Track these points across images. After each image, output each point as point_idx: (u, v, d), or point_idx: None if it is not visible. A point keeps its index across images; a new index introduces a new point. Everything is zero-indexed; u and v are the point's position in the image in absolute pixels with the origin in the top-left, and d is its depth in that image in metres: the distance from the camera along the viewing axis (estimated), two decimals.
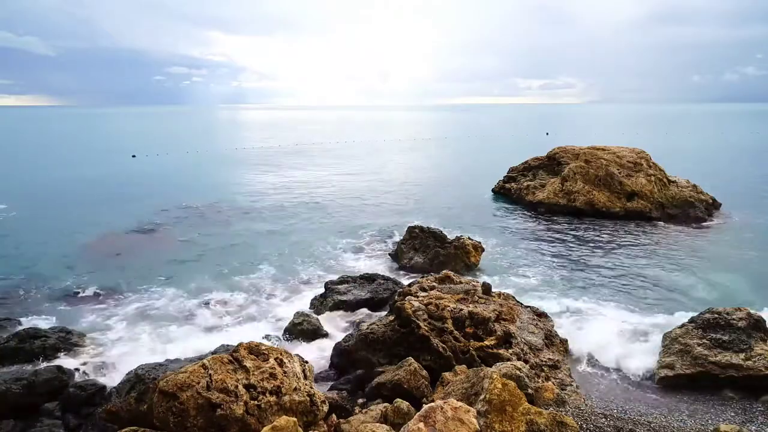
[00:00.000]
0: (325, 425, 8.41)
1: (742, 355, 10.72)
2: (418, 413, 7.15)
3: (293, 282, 18.26)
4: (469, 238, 20.00)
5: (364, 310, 15.19)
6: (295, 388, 8.30)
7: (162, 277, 18.70)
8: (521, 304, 14.11)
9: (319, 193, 35.65)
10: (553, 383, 10.17)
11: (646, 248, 21.39)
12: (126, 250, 22.13)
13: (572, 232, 24.10)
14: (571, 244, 22.13)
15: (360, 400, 10.08)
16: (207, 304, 16.21)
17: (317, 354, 13.15)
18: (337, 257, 21.02)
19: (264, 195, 35.13)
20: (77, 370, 11.80)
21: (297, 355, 9.76)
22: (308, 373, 9.02)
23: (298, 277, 18.68)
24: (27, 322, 14.42)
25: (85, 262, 20.49)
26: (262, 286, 17.78)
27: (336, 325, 14.66)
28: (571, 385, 10.69)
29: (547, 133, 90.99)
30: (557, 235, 23.63)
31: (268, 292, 17.28)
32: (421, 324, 11.40)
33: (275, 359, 8.62)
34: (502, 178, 33.54)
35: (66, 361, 12.22)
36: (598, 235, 23.49)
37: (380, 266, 19.84)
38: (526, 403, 7.53)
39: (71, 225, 26.45)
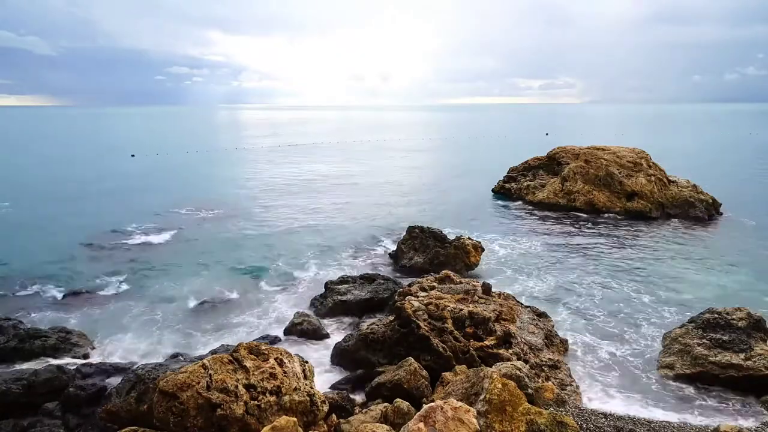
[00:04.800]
0: (325, 425, 8.41)
1: (742, 355, 10.72)
2: (418, 413, 7.16)
3: (293, 282, 18.26)
4: (469, 238, 19.99)
5: (364, 310, 15.19)
6: (295, 388, 8.30)
7: (161, 276, 18.69)
8: (521, 304, 14.12)
9: (320, 194, 35.67)
10: (553, 383, 10.17)
11: (646, 248, 21.39)
12: (125, 250, 22.12)
13: (572, 233, 24.11)
14: (571, 244, 22.13)
15: (360, 400, 10.09)
16: (207, 303, 16.20)
17: (317, 354, 13.16)
18: (337, 257, 21.02)
19: (264, 195, 35.14)
20: (77, 370, 11.79)
21: (297, 355, 9.77)
22: (308, 373, 9.02)
23: (298, 277, 18.68)
24: (27, 322, 14.42)
25: (85, 262, 20.50)
26: (262, 286, 17.78)
27: (336, 325, 14.67)
28: (571, 385, 10.70)
29: (547, 134, 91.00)
30: (557, 235, 23.63)
31: (268, 292, 17.28)
32: (421, 324, 11.40)
33: (275, 359, 8.63)
34: (502, 178, 33.56)
35: (66, 361, 12.22)
36: (598, 235, 23.49)
37: (380, 266, 19.84)
38: (526, 403, 7.54)
39: (71, 225, 26.45)
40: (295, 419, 7.20)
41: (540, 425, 7.21)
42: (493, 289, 13.96)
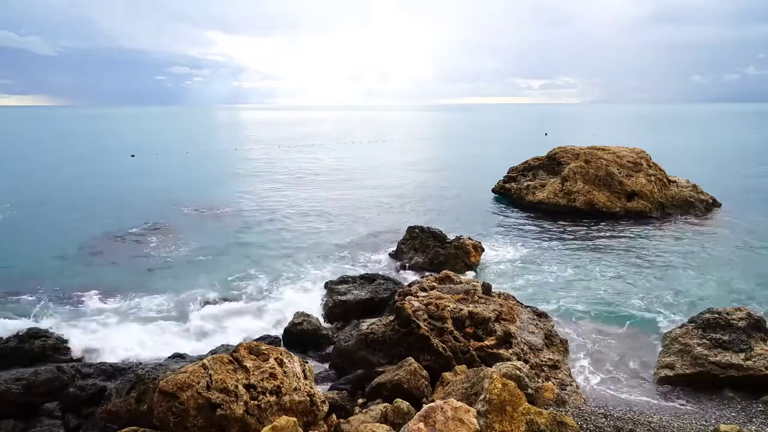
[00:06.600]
0: (325, 425, 8.41)
1: (742, 355, 10.72)
2: (418, 413, 7.16)
3: (293, 282, 18.25)
4: (469, 238, 20.00)
5: (364, 310, 15.18)
6: (295, 388, 8.30)
7: (162, 277, 18.70)
8: (521, 304, 14.12)
9: (319, 194, 35.67)
10: (553, 383, 10.17)
11: (646, 248, 21.39)
12: (126, 250, 22.13)
13: (572, 232, 24.11)
14: (571, 244, 22.13)
15: (360, 400, 10.08)
16: (207, 304, 16.20)
17: (317, 354, 13.17)
18: (337, 257, 21.02)
19: (264, 195, 35.14)
20: (77, 370, 11.79)
21: (297, 355, 9.77)
22: (308, 373, 9.02)
23: (299, 277, 18.68)
24: (27, 322, 14.42)
25: (85, 262, 20.51)
26: (262, 286, 17.78)
27: (336, 325, 14.66)
28: (571, 385, 10.70)
29: (546, 134, 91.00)
30: (557, 235, 23.63)
31: (268, 292, 17.28)
32: (421, 324, 11.40)
33: (275, 359, 8.63)
34: (502, 178, 33.54)
35: (66, 361, 12.22)
36: (597, 235, 23.49)
37: (380, 266, 19.84)
38: (526, 403, 7.54)
39: (71, 225, 26.46)
40: (295, 419, 7.21)
41: (540, 425, 7.21)
42: (493, 289, 13.96)
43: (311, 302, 16.16)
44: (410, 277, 18.00)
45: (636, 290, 16.78)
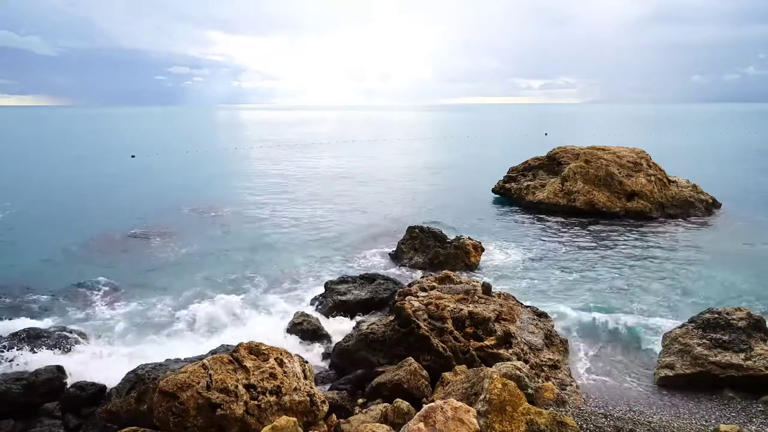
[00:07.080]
0: (325, 425, 8.41)
1: (742, 355, 10.72)
2: (418, 413, 7.16)
3: (293, 282, 18.25)
4: (469, 238, 20.00)
5: (364, 310, 15.19)
6: (295, 388, 8.30)
7: (162, 277, 18.69)
8: (521, 304, 14.12)
9: (320, 193, 35.66)
10: (553, 383, 10.17)
11: (646, 248, 21.38)
12: (126, 250, 22.13)
13: (572, 233, 24.10)
14: (571, 244, 22.13)
15: (360, 400, 10.09)
16: (207, 303, 16.18)
17: (317, 354, 13.17)
18: (337, 257, 21.02)
19: (264, 195, 35.13)
20: (77, 370, 11.79)
21: (297, 355, 9.77)
22: (308, 373, 9.03)
23: (298, 277, 18.67)
24: (27, 322, 14.41)
25: (85, 262, 20.50)
26: (261, 286, 17.78)
27: (336, 325, 14.66)
28: (571, 385, 10.69)
29: (546, 134, 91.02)
30: (557, 235, 23.62)
31: (268, 292, 17.27)
32: (421, 324, 11.40)
33: (275, 359, 8.63)
34: (502, 178, 33.52)
35: (66, 361, 12.22)
36: (598, 236, 23.48)
37: (380, 266, 19.83)
38: (526, 403, 7.54)
39: (71, 225, 26.45)
40: (295, 419, 7.21)
41: (540, 425, 7.21)
42: (493, 289, 13.96)
43: (311, 302, 16.17)
44: (410, 277, 18.00)
45: (636, 290, 16.78)
